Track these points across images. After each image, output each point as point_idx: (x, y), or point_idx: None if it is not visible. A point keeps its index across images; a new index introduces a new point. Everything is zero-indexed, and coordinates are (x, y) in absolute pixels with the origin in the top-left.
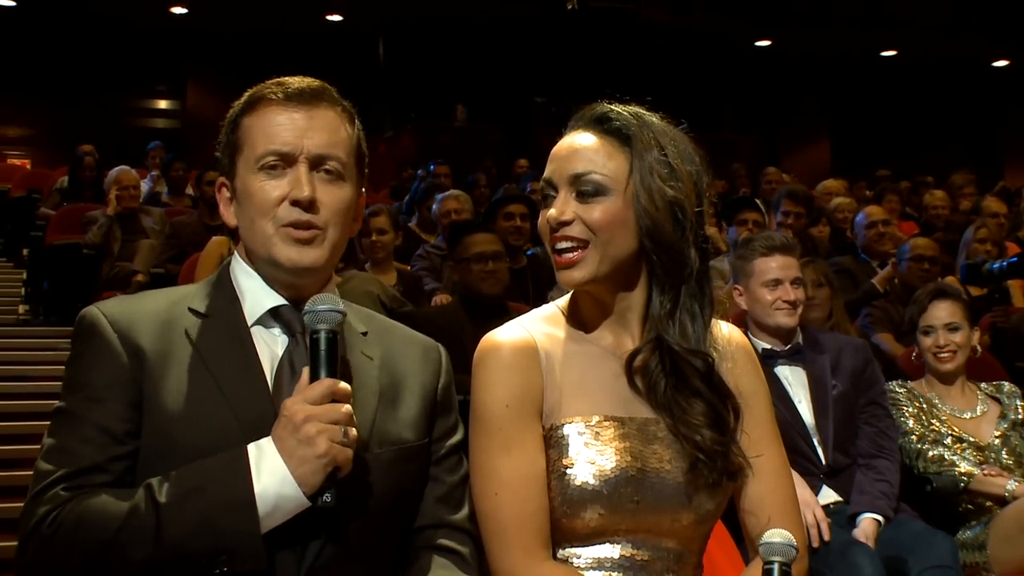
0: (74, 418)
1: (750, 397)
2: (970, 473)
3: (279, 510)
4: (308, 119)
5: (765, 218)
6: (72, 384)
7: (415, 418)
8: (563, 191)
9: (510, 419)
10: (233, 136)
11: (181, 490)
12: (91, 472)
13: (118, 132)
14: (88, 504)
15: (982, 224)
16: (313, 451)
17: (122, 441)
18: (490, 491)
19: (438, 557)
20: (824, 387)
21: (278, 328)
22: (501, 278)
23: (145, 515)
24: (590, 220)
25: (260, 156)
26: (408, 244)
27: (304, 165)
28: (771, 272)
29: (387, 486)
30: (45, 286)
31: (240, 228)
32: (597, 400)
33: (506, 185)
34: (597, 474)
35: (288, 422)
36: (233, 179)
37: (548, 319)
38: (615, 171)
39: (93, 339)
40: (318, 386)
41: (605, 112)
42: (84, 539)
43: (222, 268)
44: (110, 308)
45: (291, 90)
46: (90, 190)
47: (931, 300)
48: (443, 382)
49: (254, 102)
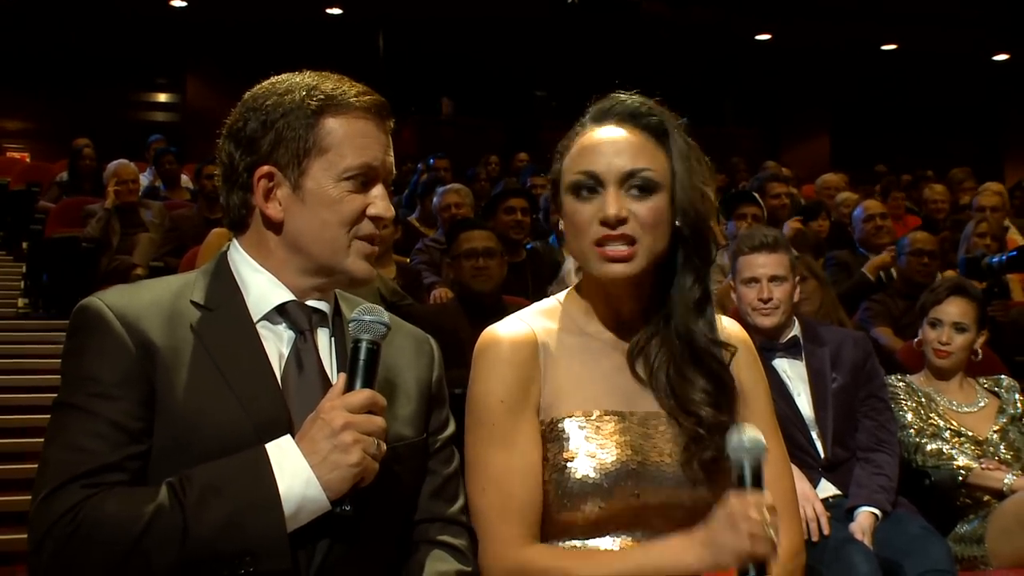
0: (85, 414)
1: (750, 391)
2: (968, 467)
3: (302, 511)
4: (386, 135)
5: (764, 212)
6: (77, 378)
7: (413, 414)
8: (612, 188)
9: (504, 414)
10: (309, 134)
11: (206, 490)
12: (108, 471)
13: (118, 125)
14: (108, 504)
15: (982, 218)
16: (347, 459)
17: (137, 439)
18: (479, 486)
19: (434, 550)
20: (824, 380)
21: (283, 324)
22: (492, 275)
23: (171, 516)
24: (643, 217)
25: (350, 168)
26: (407, 238)
27: (382, 183)
28: (748, 270)
29: (390, 483)
30: (44, 279)
31: (294, 228)
32: (598, 394)
33: (506, 179)
34: (597, 467)
35: (326, 425)
36: (299, 176)
37: (549, 313)
38: (661, 166)
39: (98, 332)
40: (359, 395)
41: (636, 107)
42: (106, 540)
43: (219, 258)
44: (113, 299)
45: (374, 100)
46: (89, 183)
47: (948, 295)
48: (436, 375)
49: (337, 105)
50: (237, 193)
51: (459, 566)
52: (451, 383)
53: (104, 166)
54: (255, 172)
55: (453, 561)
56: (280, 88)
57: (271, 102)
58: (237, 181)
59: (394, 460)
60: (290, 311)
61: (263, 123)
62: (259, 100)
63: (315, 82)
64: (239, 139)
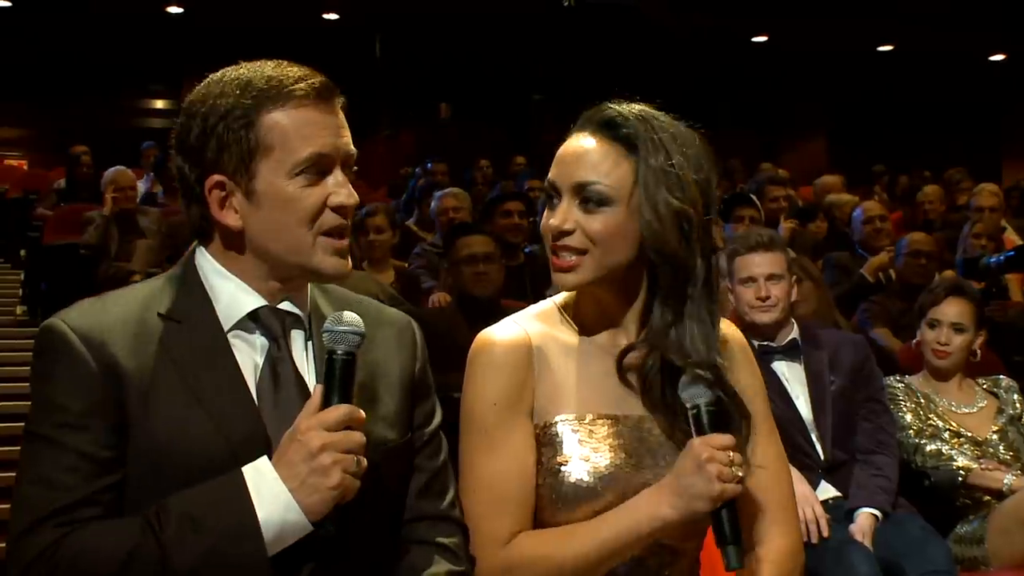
0: (54, 445)
1: (746, 393)
2: (968, 468)
3: (284, 535)
4: (337, 116)
5: (761, 214)
6: (44, 407)
7: (396, 413)
8: (566, 198)
9: (497, 417)
10: (250, 134)
11: (182, 521)
12: (80, 506)
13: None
14: (84, 542)
15: (978, 219)
16: (326, 482)
17: (109, 469)
18: (470, 488)
19: (424, 551)
20: (822, 383)
21: (257, 332)
22: (492, 280)
23: (149, 551)
24: (590, 231)
25: (301, 162)
26: (405, 242)
27: (340, 169)
28: (745, 270)
29: (375, 494)
30: (43, 287)
31: (255, 234)
32: (591, 398)
33: (503, 183)
34: (591, 471)
35: (302, 447)
36: (248, 180)
37: (544, 316)
38: (620, 180)
39: (63, 357)
40: (335, 411)
41: (612, 116)
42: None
43: (187, 264)
44: (77, 320)
45: (317, 84)
46: (87, 190)
47: (947, 295)
48: (419, 364)
49: (276, 97)
50: (194, 206)
51: (449, 566)
52: (449, 387)
53: (101, 173)
54: (205, 183)
55: (443, 562)
56: (215, 89)
57: (207, 107)
58: (191, 194)
59: (378, 466)
60: (262, 317)
61: (203, 130)
62: (196, 106)
63: (249, 76)
64: (185, 150)
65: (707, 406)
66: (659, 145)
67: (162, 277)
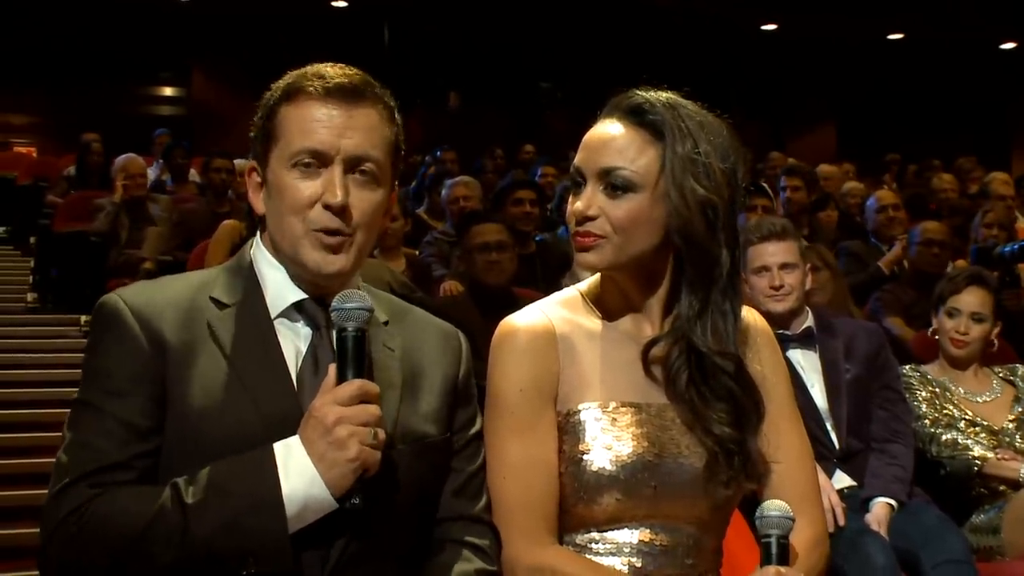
0: (95, 411)
1: (769, 379)
2: (984, 457)
3: (307, 511)
4: (347, 117)
5: (774, 203)
6: (92, 375)
7: (437, 411)
8: (591, 184)
9: (523, 403)
10: (268, 124)
11: (208, 490)
12: (115, 469)
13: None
14: (113, 503)
15: (989, 208)
16: (344, 455)
17: (146, 437)
18: (499, 475)
19: (457, 549)
20: (837, 371)
21: (301, 321)
22: (505, 268)
23: (172, 515)
24: (613, 217)
25: (295, 153)
26: (416, 230)
27: (339, 167)
28: (759, 259)
29: (410, 482)
30: (53, 274)
31: (268, 219)
32: (614, 385)
33: (514, 171)
34: (614, 460)
35: (319, 424)
36: (265, 168)
37: (568, 303)
38: (645, 167)
39: (114, 329)
40: (348, 387)
41: (639, 103)
42: (109, 538)
43: (242, 254)
44: (131, 296)
45: (331, 84)
46: (97, 178)
47: (967, 284)
48: (463, 371)
49: (292, 92)
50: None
51: (481, 564)
52: None
53: (111, 160)
54: (246, 168)
55: (476, 560)
56: (273, 85)
57: (262, 101)
58: None
59: (414, 455)
60: (307, 308)
61: (256, 122)
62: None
63: (299, 73)
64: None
65: (779, 540)
66: (686, 133)
67: (219, 267)
